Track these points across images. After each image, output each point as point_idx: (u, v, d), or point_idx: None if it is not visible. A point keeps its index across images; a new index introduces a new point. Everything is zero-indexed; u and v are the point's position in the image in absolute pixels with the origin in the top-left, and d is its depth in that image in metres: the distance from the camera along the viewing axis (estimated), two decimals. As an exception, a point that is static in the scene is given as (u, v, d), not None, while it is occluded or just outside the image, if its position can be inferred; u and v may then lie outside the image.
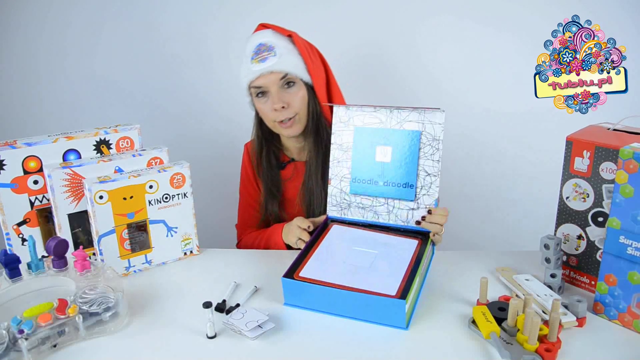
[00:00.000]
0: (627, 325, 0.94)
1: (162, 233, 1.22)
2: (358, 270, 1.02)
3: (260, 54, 1.26)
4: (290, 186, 1.41)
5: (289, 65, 1.26)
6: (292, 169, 1.41)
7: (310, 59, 1.29)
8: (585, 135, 1.05)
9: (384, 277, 0.99)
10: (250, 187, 1.46)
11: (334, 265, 1.04)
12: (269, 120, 1.32)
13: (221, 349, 0.90)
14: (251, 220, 1.47)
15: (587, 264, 1.07)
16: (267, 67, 1.25)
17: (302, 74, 1.28)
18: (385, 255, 1.07)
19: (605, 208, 1.01)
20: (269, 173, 1.40)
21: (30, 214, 1.15)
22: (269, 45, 1.26)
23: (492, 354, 0.87)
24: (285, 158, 1.44)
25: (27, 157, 1.13)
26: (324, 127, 1.33)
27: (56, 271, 1.04)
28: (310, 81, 1.30)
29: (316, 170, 1.34)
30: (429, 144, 1.12)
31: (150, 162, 1.22)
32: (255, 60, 1.26)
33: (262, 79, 1.26)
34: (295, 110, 1.29)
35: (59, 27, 1.83)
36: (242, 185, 1.49)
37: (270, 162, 1.41)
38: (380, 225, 1.16)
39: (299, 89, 1.29)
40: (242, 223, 1.50)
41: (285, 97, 1.27)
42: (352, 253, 1.08)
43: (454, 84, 1.82)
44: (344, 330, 0.95)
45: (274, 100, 1.27)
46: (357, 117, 1.18)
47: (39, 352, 0.88)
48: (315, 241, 1.13)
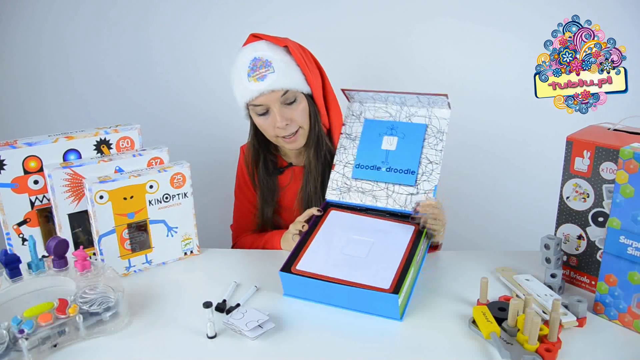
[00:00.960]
0: (627, 325, 0.94)
1: (163, 233, 1.22)
2: (354, 261, 1.04)
3: (257, 70, 1.19)
4: (288, 192, 1.38)
5: (289, 81, 1.20)
6: (290, 175, 1.38)
7: (308, 69, 1.24)
8: (585, 135, 1.05)
9: (379, 269, 1.01)
10: (247, 190, 1.43)
11: (331, 256, 1.06)
12: (271, 135, 1.28)
13: (221, 349, 0.91)
14: (247, 222, 1.44)
15: (588, 264, 1.07)
16: (267, 86, 1.18)
17: (302, 86, 1.23)
18: (382, 243, 1.08)
19: (605, 208, 1.01)
20: (265, 181, 1.36)
21: (31, 214, 1.16)
22: (265, 60, 1.19)
23: (493, 354, 0.87)
24: (284, 163, 1.40)
25: (27, 157, 1.13)
26: (323, 136, 1.30)
27: (56, 271, 1.04)
28: (309, 91, 1.26)
29: (315, 176, 1.30)
30: (434, 136, 1.16)
31: (150, 162, 1.22)
32: (253, 78, 1.19)
33: (261, 98, 1.21)
34: (299, 124, 1.25)
35: (60, 27, 1.83)
36: (238, 187, 1.46)
37: (267, 169, 1.37)
38: (378, 209, 1.17)
39: (299, 102, 1.24)
40: (238, 225, 1.47)
41: (288, 114, 1.23)
42: (349, 242, 1.09)
43: (454, 84, 1.82)
44: (344, 327, 0.95)
45: (277, 119, 1.22)
46: (369, 112, 1.23)
47: (39, 352, 0.88)
48: (313, 228, 1.14)
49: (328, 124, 1.32)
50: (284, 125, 1.22)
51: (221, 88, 1.88)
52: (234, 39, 1.81)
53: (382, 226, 1.13)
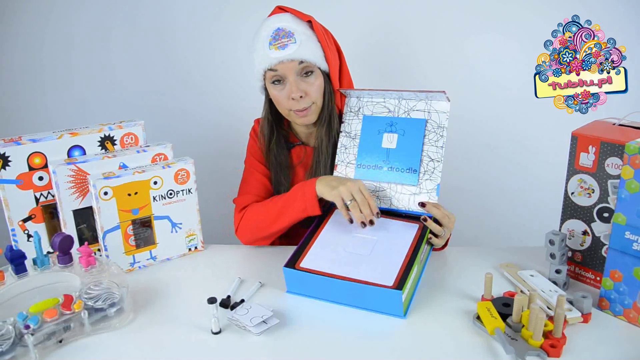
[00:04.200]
0: (632, 321, 0.94)
1: (167, 229, 1.22)
2: (358, 258, 1.04)
3: (279, 39, 1.20)
4: (299, 172, 1.37)
5: (309, 54, 1.21)
6: (302, 153, 1.37)
7: (328, 47, 1.25)
8: (590, 130, 1.04)
9: (383, 266, 1.01)
10: (259, 160, 1.38)
11: (335, 254, 1.06)
12: (284, 108, 1.27)
13: (226, 345, 0.91)
14: (258, 188, 1.36)
15: (592, 259, 1.06)
16: (287, 55, 1.19)
17: (321, 62, 1.24)
18: (386, 241, 1.08)
19: (610, 204, 1.01)
20: (278, 155, 1.35)
21: (36, 210, 1.16)
22: (288, 31, 1.20)
23: (497, 350, 0.87)
24: (295, 140, 1.38)
25: (32, 154, 1.13)
26: (335, 116, 1.29)
27: (61, 267, 1.05)
28: (327, 69, 1.26)
29: (326, 157, 1.29)
30: (434, 131, 1.15)
31: (154, 158, 1.23)
32: (274, 46, 1.20)
33: (280, 66, 1.20)
34: (313, 99, 1.24)
35: (64, 23, 1.83)
36: (250, 156, 1.40)
37: (280, 144, 1.35)
38: (382, 209, 1.16)
39: (316, 77, 1.24)
40: (245, 196, 1.36)
41: (303, 86, 1.22)
42: (353, 240, 1.10)
43: (454, 84, 1.81)
44: (347, 323, 0.96)
45: (293, 90, 1.21)
46: (367, 107, 1.22)
47: (44, 348, 0.88)
48: (317, 227, 1.14)
49: (341, 105, 1.31)
50: (298, 97, 1.21)
51: (226, 84, 1.89)
52: (235, 34, 1.82)
53: (386, 224, 1.13)
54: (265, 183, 1.36)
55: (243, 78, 1.78)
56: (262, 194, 1.35)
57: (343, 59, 1.31)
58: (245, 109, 1.45)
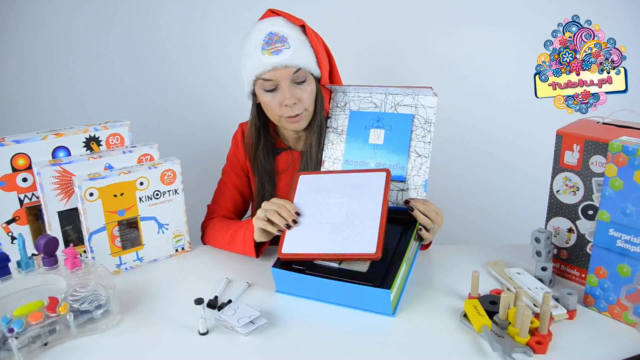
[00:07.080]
0: (616, 317, 0.95)
1: (153, 230, 1.21)
2: (335, 229, 1.03)
3: (272, 44, 1.17)
4: (285, 178, 1.36)
5: (303, 60, 1.19)
6: (288, 159, 1.36)
7: (320, 52, 1.24)
8: (575, 129, 1.05)
9: (361, 232, 1.00)
10: (237, 169, 1.39)
11: (311, 229, 1.04)
12: (274, 114, 1.25)
13: (213, 346, 0.90)
14: (228, 203, 1.39)
15: (578, 256, 1.07)
16: (281, 61, 1.16)
17: (314, 68, 1.22)
18: (358, 200, 1.07)
19: (595, 201, 1.02)
20: (264, 162, 1.34)
21: (20, 212, 1.14)
22: (281, 36, 1.18)
23: (484, 347, 0.87)
24: (282, 145, 1.38)
25: (15, 155, 1.11)
26: (324, 121, 1.28)
27: (46, 269, 1.03)
28: (319, 74, 1.25)
29: (315, 162, 1.28)
30: (421, 127, 1.14)
31: (140, 159, 1.22)
32: (268, 52, 1.17)
33: (273, 73, 1.18)
34: (305, 106, 1.23)
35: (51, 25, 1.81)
36: (228, 166, 1.42)
37: (266, 152, 1.34)
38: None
39: (309, 83, 1.23)
40: (217, 204, 1.41)
41: (297, 93, 1.21)
42: (325, 207, 1.08)
43: (454, 84, 1.82)
44: (336, 323, 0.96)
45: (286, 96, 1.19)
46: (353, 102, 1.22)
47: (29, 351, 0.87)
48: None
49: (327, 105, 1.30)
50: (292, 104, 1.20)
51: (213, 85, 1.88)
52: (225, 36, 1.81)
53: (353, 180, 1.11)
54: (236, 199, 1.40)
55: (231, 78, 1.77)
56: (232, 209, 1.40)
57: (334, 63, 1.31)
58: (233, 109, 1.45)
